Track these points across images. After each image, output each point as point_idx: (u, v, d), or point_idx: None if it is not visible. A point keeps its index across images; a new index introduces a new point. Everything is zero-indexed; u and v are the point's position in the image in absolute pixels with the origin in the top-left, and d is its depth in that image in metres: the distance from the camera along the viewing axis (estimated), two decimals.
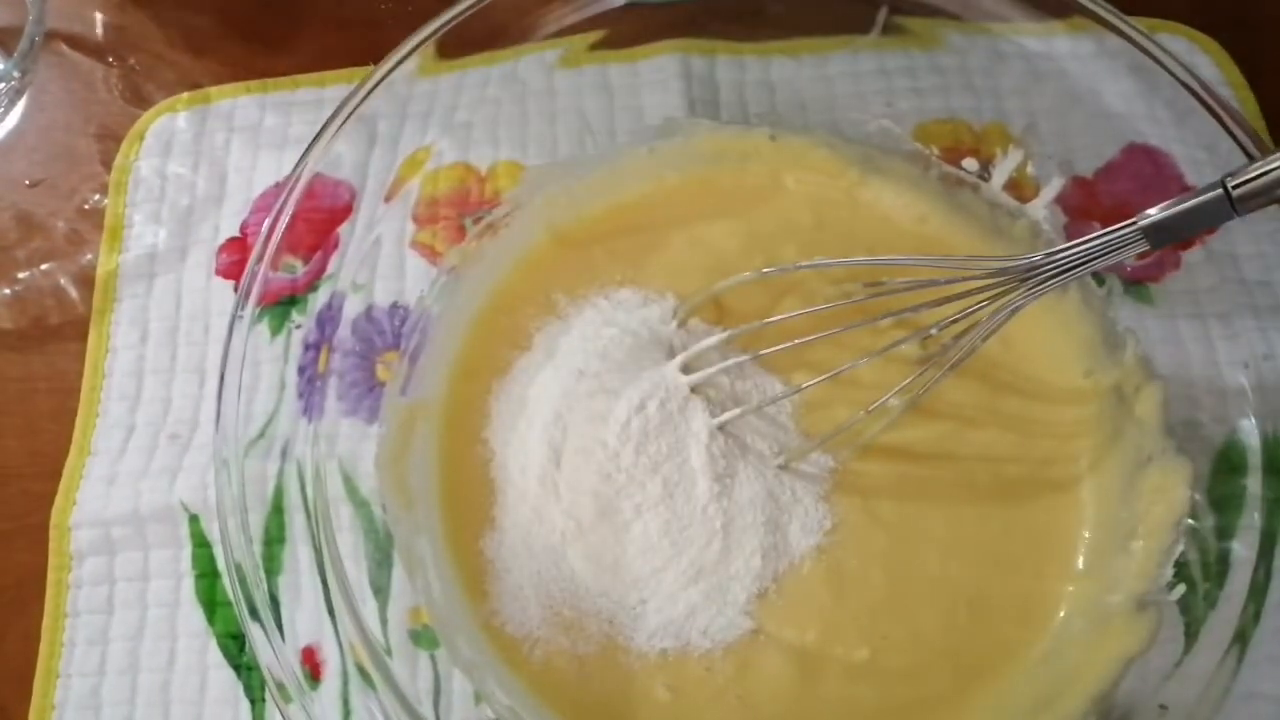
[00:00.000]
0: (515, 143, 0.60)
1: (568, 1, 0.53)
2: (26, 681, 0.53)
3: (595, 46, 0.55)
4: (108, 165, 0.64)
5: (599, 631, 0.49)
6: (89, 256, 0.62)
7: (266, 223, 0.49)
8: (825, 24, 0.58)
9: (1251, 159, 0.45)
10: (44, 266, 0.62)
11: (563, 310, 0.55)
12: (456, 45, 0.51)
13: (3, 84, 0.62)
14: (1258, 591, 0.43)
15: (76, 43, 0.67)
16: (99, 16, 0.68)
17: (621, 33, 0.55)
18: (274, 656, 0.43)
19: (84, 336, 0.59)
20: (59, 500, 0.55)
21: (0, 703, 0.53)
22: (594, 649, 0.49)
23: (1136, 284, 0.51)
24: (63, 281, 0.61)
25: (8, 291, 0.61)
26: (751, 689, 0.48)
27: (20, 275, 0.62)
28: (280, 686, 0.42)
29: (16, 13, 0.62)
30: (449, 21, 0.50)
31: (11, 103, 0.63)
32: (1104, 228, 0.52)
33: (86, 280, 0.61)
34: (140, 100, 0.65)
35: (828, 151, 0.56)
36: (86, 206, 0.63)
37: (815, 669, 0.48)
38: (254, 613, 0.43)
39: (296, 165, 0.49)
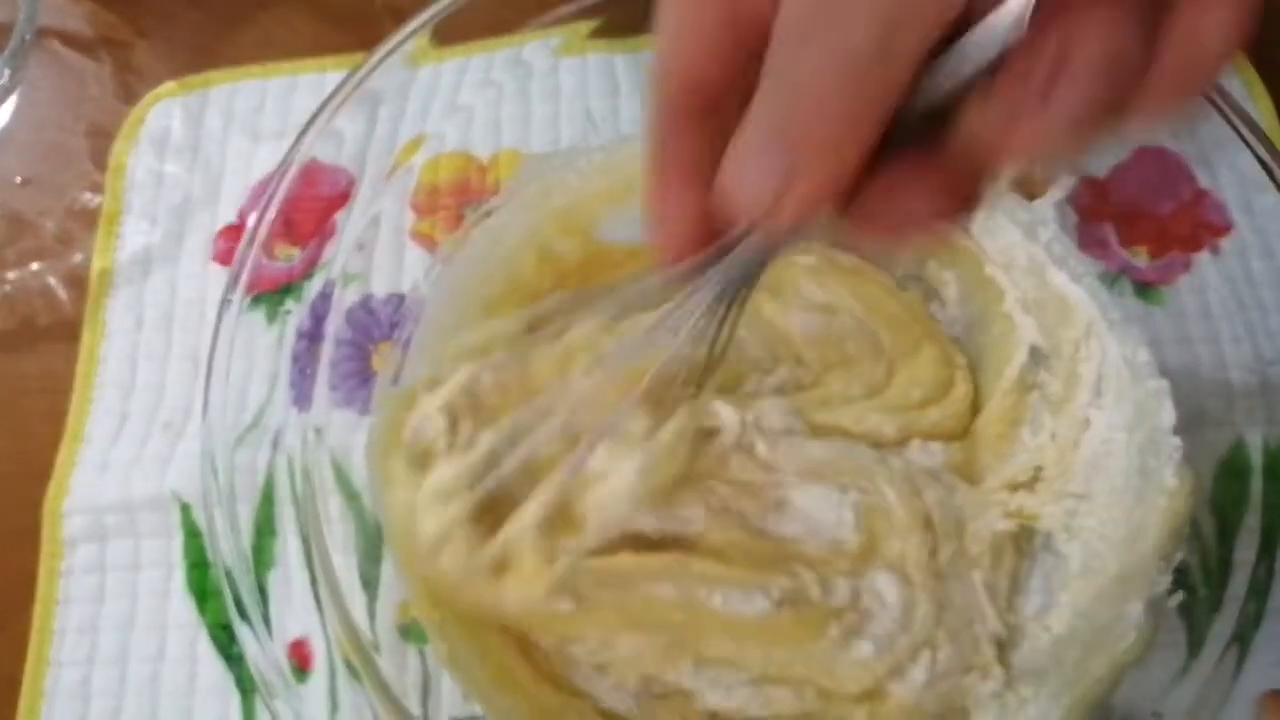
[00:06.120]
0: (517, 130, 0.60)
1: None
2: (17, 684, 0.52)
3: (593, 35, 0.55)
4: (99, 164, 0.63)
5: None
6: (79, 257, 0.61)
7: (260, 204, 0.48)
8: None
9: (1262, 163, 0.45)
10: (33, 266, 0.61)
11: None
12: (454, 31, 0.51)
13: None
14: (1258, 591, 0.43)
15: (68, 40, 0.67)
16: (91, 13, 0.68)
17: (619, 20, 0.55)
18: (260, 652, 0.42)
19: (74, 337, 0.59)
20: (52, 487, 0.55)
21: None
22: None
23: (1147, 285, 0.51)
24: (52, 282, 0.61)
25: None
26: None
27: (9, 275, 0.61)
28: (266, 683, 0.42)
29: (7, 10, 0.61)
30: (446, 8, 0.50)
31: (1, 101, 0.62)
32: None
33: (76, 281, 0.61)
34: (132, 97, 0.65)
35: None
36: (77, 207, 0.63)
37: None
38: (240, 608, 0.43)
39: (293, 146, 0.49)
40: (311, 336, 0.50)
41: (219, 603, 0.52)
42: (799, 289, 0.55)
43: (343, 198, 0.51)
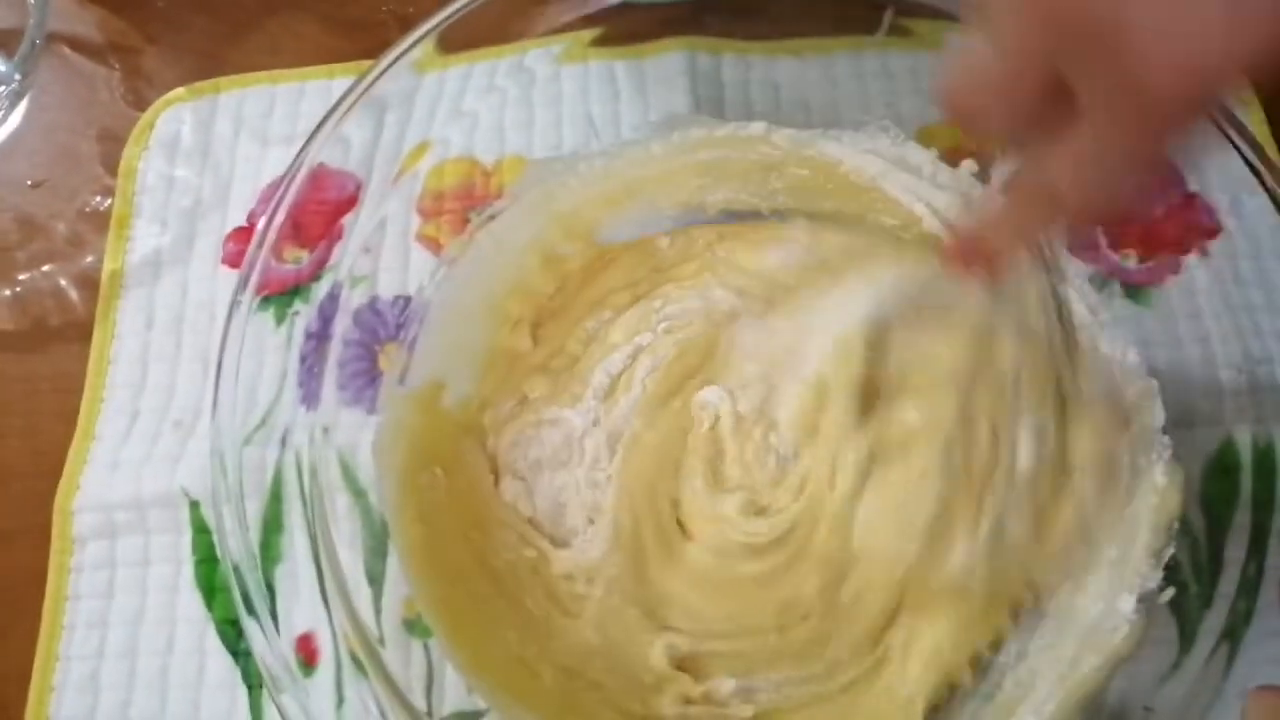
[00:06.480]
0: (521, 136, 0.60)
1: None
2: (28, 682, 0.53)
3: (594, 43, 0.56)
4: (109, 167, 0.64)
5: None
6: (90, 259, 0.62)
7: (269, 208, 0.49)
8: (830, 25, 0.58)
9: (1250, 166, 0.45)
10: (45, 268, 0.62)
11: None
12: (458, 39, 0.51)
13: (3, 86, 0.62)
14: (1248, 588, 0.43)
15: (78, 45, 0.68)
16: (100, 19, 0.69)
17: (619, 30, 0.55)
18: (267, 647, 0.43)
19: (85, 338, 0.60)
20: (63, 484, 0.56)
21: (1, 702, 0.53)
22: None
23: (1136, 287, 0.51)
24: (63, 283, 0.62)
25: (8, 293, 0.62)
26: None
27: (21, 277, 0.62)
28: (273, 677, 0.42)
29: (17, 15, 0.62)
30: (450, 16, 0.51)
31: (12, 105, 0.63)
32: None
33: (87, 282, 0.61)
34: (142, 102, 0.66)
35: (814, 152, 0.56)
36: (88, 209, 0.63)
37: None
38: (248, 603, 0.43)
39: (301, 151, 0.50)
40: (319, 337, 0.50)
41: (227, 598, 0.53)
42: (780, 236, 0.55)
43: (350, 202, 0.52)
